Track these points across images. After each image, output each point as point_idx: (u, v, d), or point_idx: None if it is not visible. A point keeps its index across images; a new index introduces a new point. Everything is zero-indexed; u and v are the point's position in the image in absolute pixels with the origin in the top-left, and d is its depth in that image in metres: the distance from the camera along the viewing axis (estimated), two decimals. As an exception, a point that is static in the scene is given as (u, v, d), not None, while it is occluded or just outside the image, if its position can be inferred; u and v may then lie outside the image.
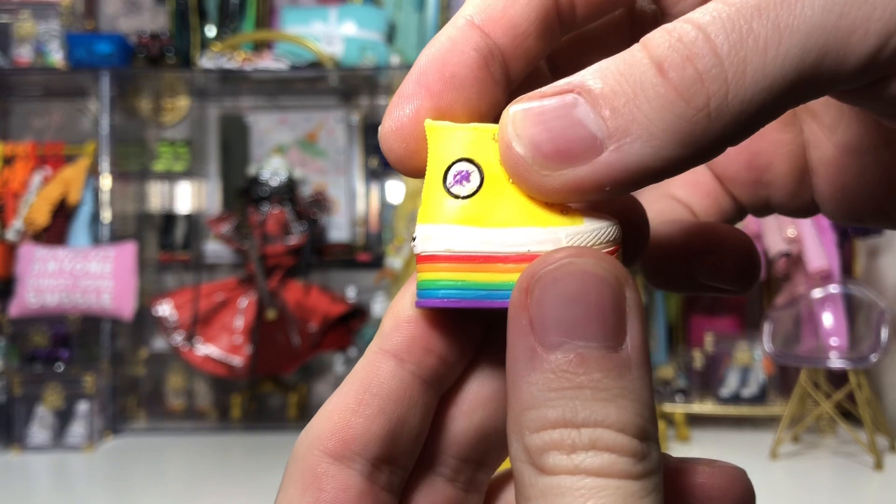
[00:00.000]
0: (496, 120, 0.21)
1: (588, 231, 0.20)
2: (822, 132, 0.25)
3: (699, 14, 0.17)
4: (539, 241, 0.20)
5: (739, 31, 0.17)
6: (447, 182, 0.21)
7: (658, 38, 0.18)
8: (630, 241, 0.23)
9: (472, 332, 0.23)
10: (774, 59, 0.17)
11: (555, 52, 0.24)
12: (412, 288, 0.22)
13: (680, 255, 0.26)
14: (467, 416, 0.24)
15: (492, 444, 0.24)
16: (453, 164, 0.21)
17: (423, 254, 0.21)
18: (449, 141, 0.21)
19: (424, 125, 0.21)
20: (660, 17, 0.23)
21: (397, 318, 0.22)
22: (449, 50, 0.21)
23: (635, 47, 0.18)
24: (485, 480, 0.25)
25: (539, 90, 0.19)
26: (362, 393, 0.22)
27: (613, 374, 0.18)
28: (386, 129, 0.22)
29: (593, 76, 0.18)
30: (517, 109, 0.19)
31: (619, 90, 0.18)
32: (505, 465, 0.24)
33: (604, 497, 0.17)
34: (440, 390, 0.23)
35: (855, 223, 0.25)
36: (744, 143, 0.19)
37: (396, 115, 0.21)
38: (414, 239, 0.21)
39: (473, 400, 0.24)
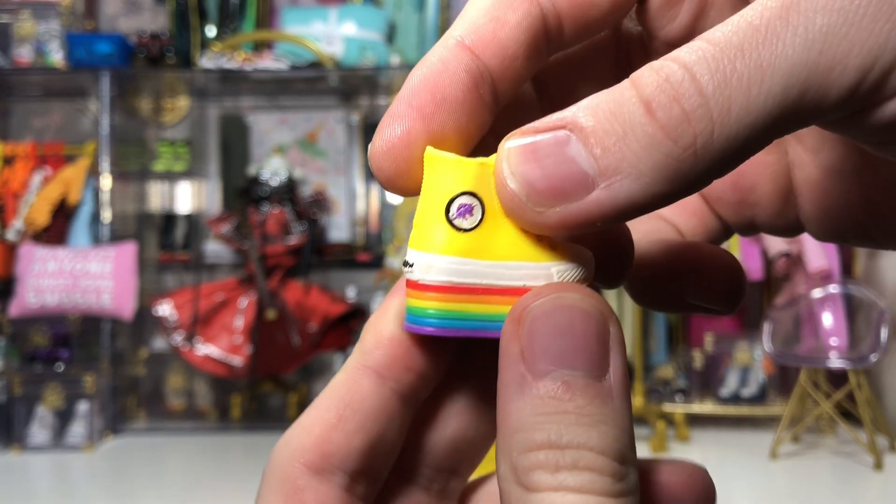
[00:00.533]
0: (483, 141, 0.22)
1: (573, 267, 0.21)
2: (806, 154, 0.25)
3: (685, 53, 0.18)
4: (533, 276, 0.21)
5: (723, 71, 0.17)
6: (450, 213, 0.21)
7: (647, 78, 0.18)
8: (615, 261, 0.23)
9: (448, 350, 0.24)
10: (757, 96, 0.17)
11: (540, 71, 0.24)
12: (393, 304, 0.23)
13: (666, 274, 0.26)
14: (441, 428, 0.25)
15: (464, 453, 0.25)
16: (457, 196, 0.21)
17: (420, 282, 0.21)
18: (451, 172, 0.21)
19: (425, 154, 0.21)
20: (646, 38, 0.24)
21: (379, 335, 0.23)
22: (440, 72, 0.21)
23: (625, 85, 0.18)
24: (457, 488, 0.26)
25: (532, 125, 0.20)
26: (343, 408, 0.22)
27: (597, 401, 0.19)
28: (376, 149, 0.22)
29: (584, 113, 0.19)
30: (512, 146, 0.20)
31: (609, 129, 0.18)
32: (478, 473, 0.26)
33: None
34: (416, 405, 0.24)
35: (838, 241, 0.25)
36: None
37: (388, 136, 0.22)
38: (408, 265, 0.21)
39: (446, 412, 0.25)
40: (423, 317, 0.21)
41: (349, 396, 0.22)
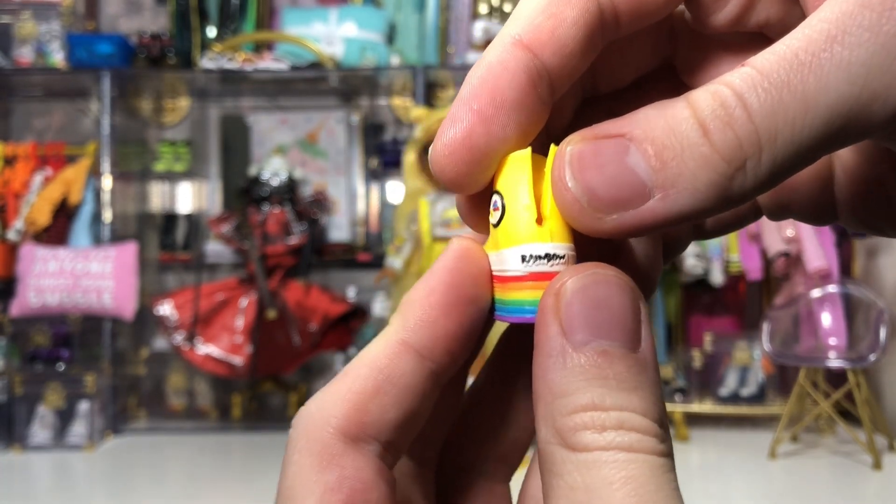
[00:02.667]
0: (541, 137, 0.23)
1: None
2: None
3: (737, 80, 0.19)
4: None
5: (771, 101, 0.19)
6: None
7: (702, 101, 0.19)
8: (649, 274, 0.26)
9: (477, 336, 0.24)
10: (802, 127, 0.19)
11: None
12: (438, 284, 0.23)
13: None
14: (501, 420, 0.27)
15: (517, 443, 0.27)
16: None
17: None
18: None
19: (509, 157, 0.22)
20: (694, 24, 0.25)
21: (426, 315, 0.23)
22: (500, 73, 0.22)
23: (681, 104, 0.20)
24: (510, 474, 0.28)
25: (592, 131, 0.21)
26: (382, 381, 0.22)
27: (634, 369, 0.20)
28: (438, 152, 0.22)
29: (644, 126, 0.20)
30: (574, 151, 0.21)
31: (668, 144, 0.20)
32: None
33: (636, 467, 0.19)
34: (442, 385, 0.24)
35: (872, 232, 0.26)
36: None
37: (449, 139, 0.22)
38: (557, 256, 0.22)
39: (504, 406, 0.27)
40: (523, 307, 0.22)
41: (389, 370, 0.22)
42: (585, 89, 0.26)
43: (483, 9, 3.25)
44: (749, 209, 0.27)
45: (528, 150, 0.22)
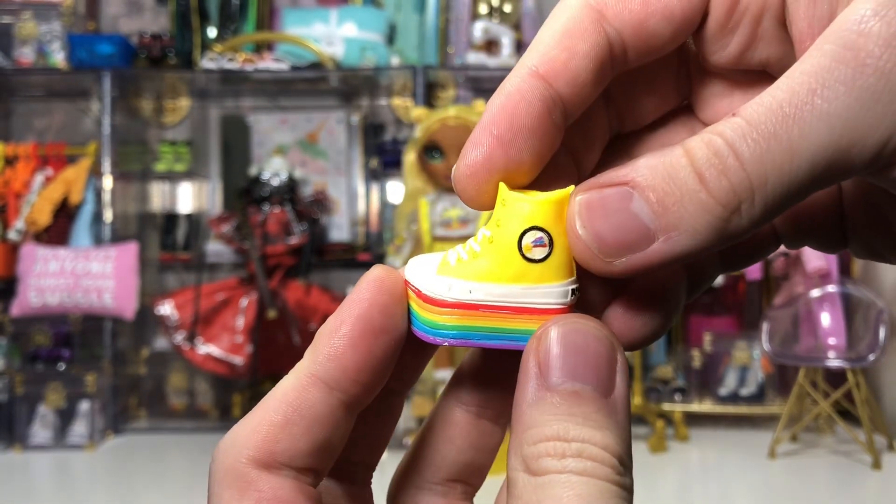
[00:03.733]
0: (553, 160, 0.25)
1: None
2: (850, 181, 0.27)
3: (729, 130, 0.21)
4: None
5: (761, 150, 0.21)
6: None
7: (698, 150, 0.21)
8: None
9: (392, 364, 0.25)
10: (789, 172, 0.21)
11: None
12: (349, 316, 0.24)
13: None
14: (452, 442, 0.28)
15: (473, 465, 0.28)
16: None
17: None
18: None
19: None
20: (700, 60, 0.27)
21: (334, 349, 0.24)
22: (517, 101, 0.24)
23: (678, 152, 0.22)
24: (471, 493, 0.29)
25: (597, 180, 0.23)
26: (291, 413, 0.24)
27: (602, 412, 0.22)
28: (461, 173, 0.25)
29: (644, 174, 0.22)
30: (582, 200, 0.23)
31: (668, 191, 0.21)
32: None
33: (587, 488, 0.20)
34: (358, 411, 0.25)
35: (877, 259, 0.27)
36: None
37: (470, 161, 0.24)
38: (572, 293, 0.24)
39: (456, 427, 0.28)
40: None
41: (298, 402, 0.24)
42: (612, 128, 0.28)
43: (483, 9, 3.25)
44: (769, 240, 0.28)
45: (571, 188, 0.24)
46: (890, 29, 0.20)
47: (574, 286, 0.24)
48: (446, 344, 0.25)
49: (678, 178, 0.21)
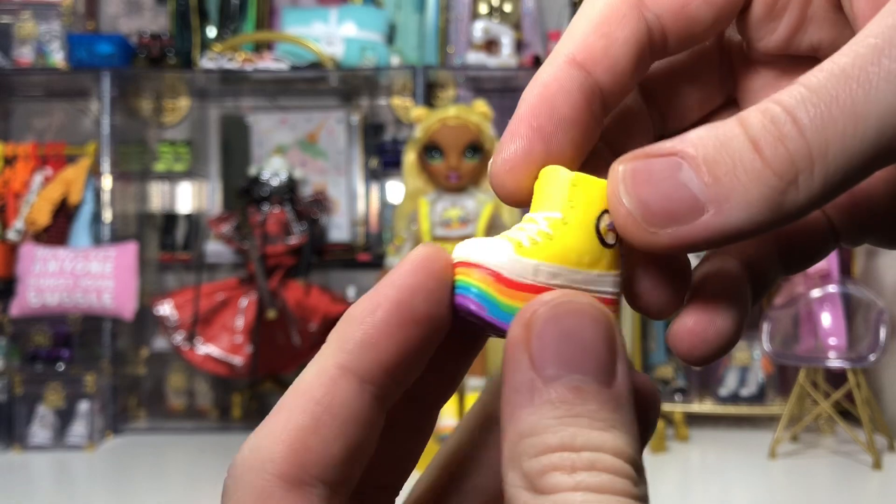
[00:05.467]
0: (594, 156, 0.24)
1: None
2: None
3: (787, 97, 0.19)
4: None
5: (821, 116, 0.19)
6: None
7: (753, 118, 0.20)
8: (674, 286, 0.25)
9: (427, 356, 0.22)
10: (853, 141, 0.19)
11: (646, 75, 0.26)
12: (385, 299, 0.21)
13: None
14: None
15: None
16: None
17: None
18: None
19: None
20: (745, 47, 0.25)
21: (366, 336, 0.21)
22: (556, 91, 0.23)
23: (731, 122, 0.20)
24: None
25: (644, 150, 0.21)
26: (321, 412, 0.20)
27: (608, 406, 0.19)
28: (498, 167, 0.23)
29: (695, 145, 0.20)
30: (626, 168, 0.21)
31: (720, 160, 0.20)
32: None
33: None
34: (385, 412, 0.22)
35: None
36: None
37: (509, 155, 0.23)
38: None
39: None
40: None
41: (327, 399, 0.20)
42: (656, 128, 0.27)
43: (483, 9, 3.25)
44: (828, 236, 0.26)
45: None
46: None
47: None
48: None
49: (731, 147, 0.20)
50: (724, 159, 0.20)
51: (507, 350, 0.20)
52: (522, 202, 0.23)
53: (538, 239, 0.22)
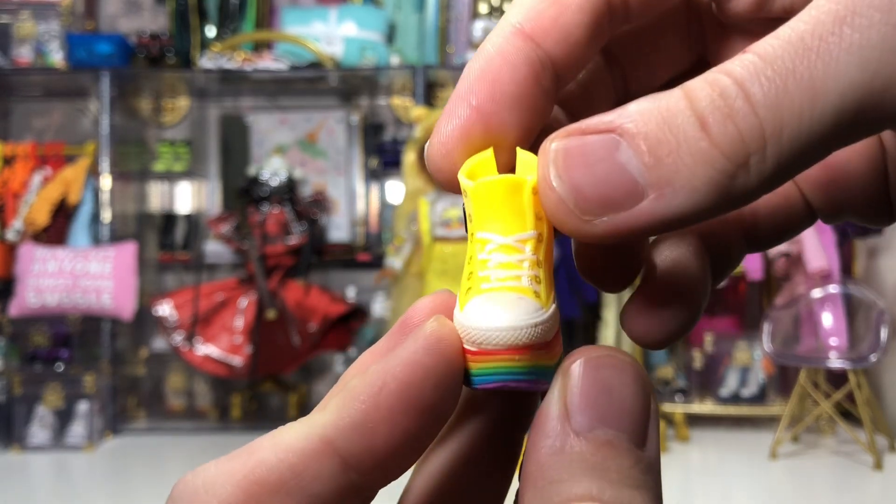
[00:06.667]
0: (546, 132, 0.21)
1: (554, 315, 0.20)
2: (893, 137, 0.24)
3: (738, 68, 0.17)
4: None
5: (775, 90, 0.17)
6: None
7: (700, 91, 0.18)
8: (625, 268, 0.23)
9: (421, 452, 0.20)
10: (810, 118, 0.17)
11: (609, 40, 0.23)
12: (393, 375, 0.19)
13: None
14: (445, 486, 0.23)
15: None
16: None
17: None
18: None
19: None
20: (715, 9, 0.23)
21: (366, 415, 0.19)
22: (499, 65, 0.20)
23: (676, 94, 0.18)
24: None
25: (577, 126, 0.19)
26: (288, 478, 0.19)
27: (639, 467, 0.18)
28: (434, 150, 0.21)
29: (635, 119, 0.18)
30: (558, 147, 0.19)
31: (662, 139, 0.18)
32: None
33: None
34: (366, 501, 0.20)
35: None
36: None
37: (445, 136, 0.21)
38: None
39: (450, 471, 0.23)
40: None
41: (300, 468, 0.19)
42: (618, 92, 0.24)
43: (483, 9, 3.24)
44: (802, 214, 0.24)
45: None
46: None
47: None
48: None
49: (675, 123, 0.17)
50: (667, 137, 0.18)
51: (545, 396, 0.19)
52: (458, 189, 0.21)
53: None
